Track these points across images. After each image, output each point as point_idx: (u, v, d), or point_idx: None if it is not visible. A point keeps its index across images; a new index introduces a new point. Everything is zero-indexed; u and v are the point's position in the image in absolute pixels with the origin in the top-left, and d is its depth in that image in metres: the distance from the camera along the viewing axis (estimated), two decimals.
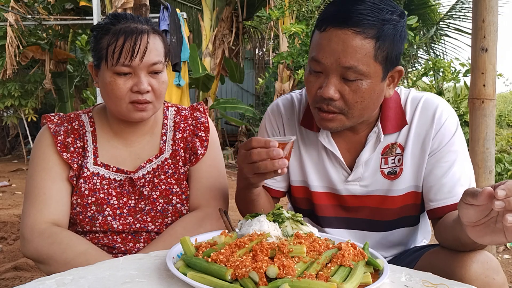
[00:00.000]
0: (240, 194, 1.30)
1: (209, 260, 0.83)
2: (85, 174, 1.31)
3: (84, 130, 1.36)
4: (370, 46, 1.09)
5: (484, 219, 0.85)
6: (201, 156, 1.39)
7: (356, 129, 1.28)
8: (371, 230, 1.35)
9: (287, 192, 1.46)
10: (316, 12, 7.46)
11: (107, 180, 1.33)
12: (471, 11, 2.51)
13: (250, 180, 1.12)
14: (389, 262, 1.36)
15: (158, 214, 1.34)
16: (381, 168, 1.28)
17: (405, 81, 6.93)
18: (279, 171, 1.07)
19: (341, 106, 1.15)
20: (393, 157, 1.28)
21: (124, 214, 1.32)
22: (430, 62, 6.37)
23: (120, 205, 1.32)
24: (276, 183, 1.41)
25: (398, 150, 1.27)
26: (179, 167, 1.38)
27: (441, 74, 6.30)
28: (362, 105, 1.15)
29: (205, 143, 1.40)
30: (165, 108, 1.46)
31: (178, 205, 1.35)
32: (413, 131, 1.25)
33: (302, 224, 1.04)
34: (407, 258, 1.30)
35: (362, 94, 1.13)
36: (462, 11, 9.29)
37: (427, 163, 1.24)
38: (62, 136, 1.33)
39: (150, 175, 1.35)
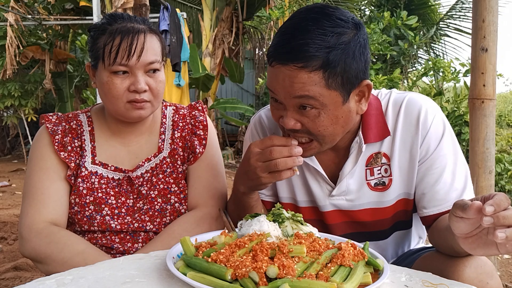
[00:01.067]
0: (238, 201, 1.25)
1: (209, 260, 0.83)
2: (83, 173, 1.31)
3: (82, 130, 1.36)
4: (317, 77, 1.01)
5: (475, 230, 0.85)
6: (199, 155, 1.39)
7: (336, 144, 1.20)
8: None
9: None
10: None
11: (105, 179, 1.33)
12: (471, 11, 2.51)
13: (262, 180, 1.09)
14: None
15: (156, 213, 1.33)
16: (367, 180, 1.23)
17: (405, 81, 6.93)
18: (297, 172, 1.09)
19: (307, 134, 1.10)
20: (379, 167, 1.22)
21: (122, 214, 1.32)
22: (430, 62, 6.38)
23: (118, 204, 1.32)
24: (267, 195, 1.39)
25: (384, 160, 1.22)
26: (178, 166, 1.38)
27: (441, 74, 6.30)
28: (327, 131, 1.09)
29: (204, 142, 1.40)
30: (163, 107, 1.46)
31: (177, 204, 1.35)
32: (398, 140, 1.19)
33: (302, 224, 1.04)
34: (403, 262, 1.29)
35: (323, 123, 1.07)
36: (462, 11, 9.30)
37: (417, 171, 1.19)
38: (60, 136, 1.33)
39: (149, 174, 1.35)
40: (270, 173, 1.09)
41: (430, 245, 1.29)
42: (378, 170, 1.23)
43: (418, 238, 1.43)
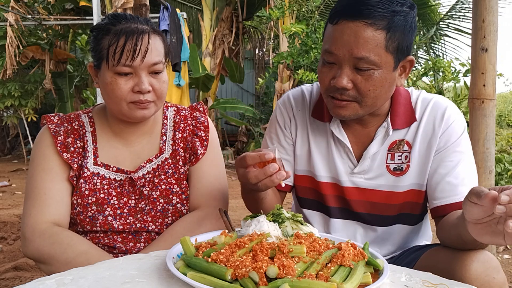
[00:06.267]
0: (247, 195, 1.33)
1: (209, 260, 0.83)
2: (85, 174, 1.31)
3: (84, 130, 1.36)
4: (381, 36, 1.12)
5: (486, 218, 0.86)
6: (201, 156, 1.39)
7: (366, 123, 1.31)
8: (372, 224, 1.37)
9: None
10: (316, 12, 7.46)
11: (107, 180, 1.33)
12: (471, 11, 2.51)
13: (258, 187, 1.12)
14: (389, 260, 1.37)
15: (158, 214, 1.34)
16: (386, 163, 1.31)
17: (406, 81, 6.93)
18: (282, 184, 1.12)
19: (354, 94, 1.18)
20: (400, 154, 1.30)
21: (125, 214, 1.32)
22: (430, 62, 6.37)
23: (121, 205, 1.32)
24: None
25: (406, 147, 1.30)
26: (179, 167, 1.38)
27: (441, 74, 6.30)
28: (375, 93, 1.18)
29: (205, 143, 1.40)
30: (164, 108, 1.46)
31: (178, 205, 1.35)
32: (422, 129, 1.28)
33: (302, 224, 1.04)
34: (408, 257, 1.30)
35: (374, 83, 1.16)
36: (462, 11, 9.29)
37: (432, 161, 1.27)
38: (62, 137, 1.33)
39: (150, 175, 1.35)
40: (263, 183, 1.09)
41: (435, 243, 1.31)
42: (399, 156, 1.30)
43: (423, 242, 1.45)
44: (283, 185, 1.15)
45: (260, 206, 1.29)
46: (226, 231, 0.99)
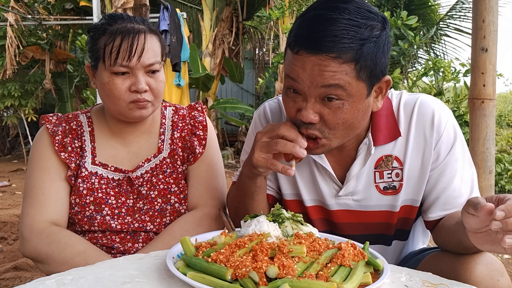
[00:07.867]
0: (241, 184, 1.23)
1: (209, 260, 0.83)
2: (83, 174, 1.31)
3: (82, 130, 1.37)
4: (349, 68, 0.98)
5: (485, 228, 0.85)
6: (199, 155, 1.39)
7: (344, 144, 1.16)
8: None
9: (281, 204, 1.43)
10: None
11: (105, 180, 1.33)
12: (471, 11, 2.51)
13: (256, 160, 1.08)
14: None
15: (156, 213, 1.34)
16: (375, 182, 1.20)
17: (405, 81, 6.92)
18: (291, 172, 1.06)
19: (322, 128, 1.05)
20: (390, 171, 1.19)
21: (123, 214, 1.32)
22: (430, 62, 6.37)
23: (119, 204, 1.32)
24: (269, 188, 1.36)
25: (396, 164, 1.18)
26: (178, 166, 1.38)
27: (441, 74, 6.29)
28: (345, 125, 1.05)
29: (203, 142, 1.40)
30: (162, 107, 1.46)
31: (177, 205, 1.35)
32: (412, 143, 1.16)
33: (302, 224, 1.04)
34: (407, 263, 1.28)
35: (344, 115, 1.03)
36: (462, 11, 9.28)
37: (429, 177, 1.17)
38: (60, 136, 1.33)
39: (149, 174, 1.35)
40: (266, 158, 1.08)
41: (431, 246, 1.28)
42: (388, 173, 1.19)
43: (421, 244, 1.41)
44: (292, 173, 1.07)
45: (249, 203, 1.23)
46: (226, 231, 0.99)
